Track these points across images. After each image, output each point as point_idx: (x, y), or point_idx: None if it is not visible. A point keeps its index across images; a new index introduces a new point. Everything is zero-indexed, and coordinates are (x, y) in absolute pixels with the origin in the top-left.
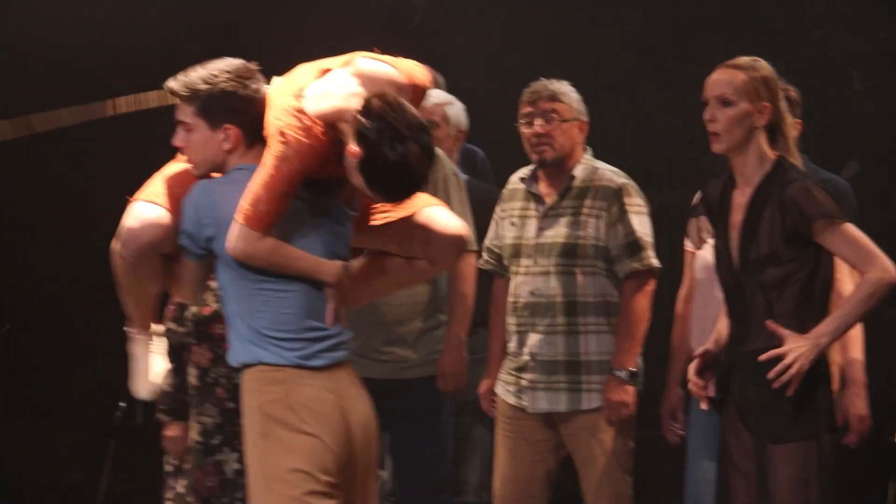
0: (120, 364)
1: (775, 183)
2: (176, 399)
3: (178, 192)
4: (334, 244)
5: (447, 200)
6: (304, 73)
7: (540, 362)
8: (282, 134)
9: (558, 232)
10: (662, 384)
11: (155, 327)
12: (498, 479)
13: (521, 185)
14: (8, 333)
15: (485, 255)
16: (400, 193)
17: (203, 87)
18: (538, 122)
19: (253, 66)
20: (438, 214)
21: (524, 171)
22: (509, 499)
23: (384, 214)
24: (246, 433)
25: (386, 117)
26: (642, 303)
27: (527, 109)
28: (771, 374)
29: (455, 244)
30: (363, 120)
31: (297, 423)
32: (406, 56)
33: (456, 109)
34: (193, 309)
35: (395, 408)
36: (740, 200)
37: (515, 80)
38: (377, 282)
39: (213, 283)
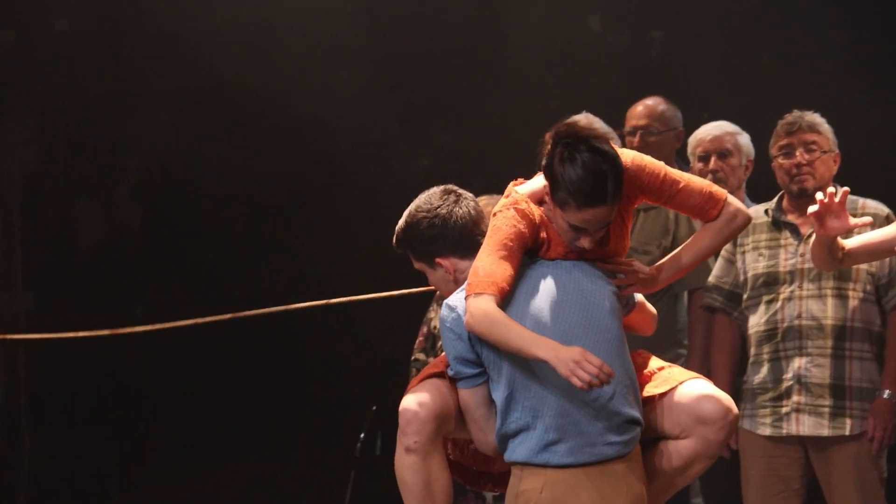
0: (359, 393)
1: None
2: None
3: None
4: (591, 318)
5: (690, 230)
6: None
7: (805, 384)
8: (494, 214)
9: None
10: None
11: None
12: None
13: (763, 218)
14: (254, 372)
15: (711, 294)
16: (586, 196)
17: (403, 238)
18: (799, 152)
19: (450, 187)
20: (701, 387)
21: (765, 205)
22: None
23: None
24: None
25: (558, 136)
26: None
27: (785, 140)
28: None
29: (725, 419)
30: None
31: None
32: (643, 89)
33: (746, 139)
34: None
35: None
36: None
37: (753, 112)
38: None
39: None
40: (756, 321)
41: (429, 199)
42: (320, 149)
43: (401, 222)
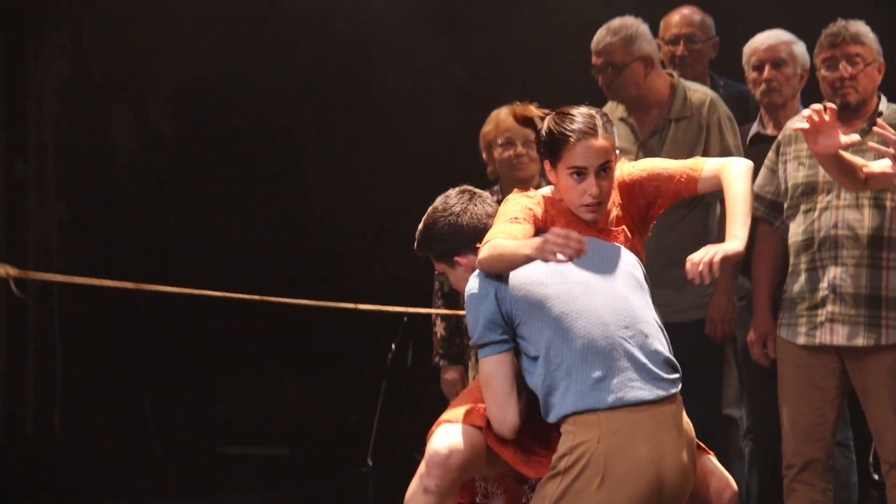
0: (390, 305)
1: None
2: (452, 343)
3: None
4: (611, 267)
5: (722, 144)
6: None
7: (841, 294)
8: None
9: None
10: None
11: None
12: (788, 424)
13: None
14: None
15: (753, 203)
16: (577, 131)
17: (422, 240)
18: (842, 65)
19: (466, 188)
20: (704, 465)
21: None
22: (801, 445)
23: None
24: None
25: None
26: None
27: (828, 53)
28: None
29: (721, 498)
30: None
31: (592, 476)
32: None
33: (801, 48)
34: None
35: None
36: None
37: (799, 19)
38: None
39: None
40: (794, 231)
41: (445, 199)
42: (353, 61)
43: (420, 226)
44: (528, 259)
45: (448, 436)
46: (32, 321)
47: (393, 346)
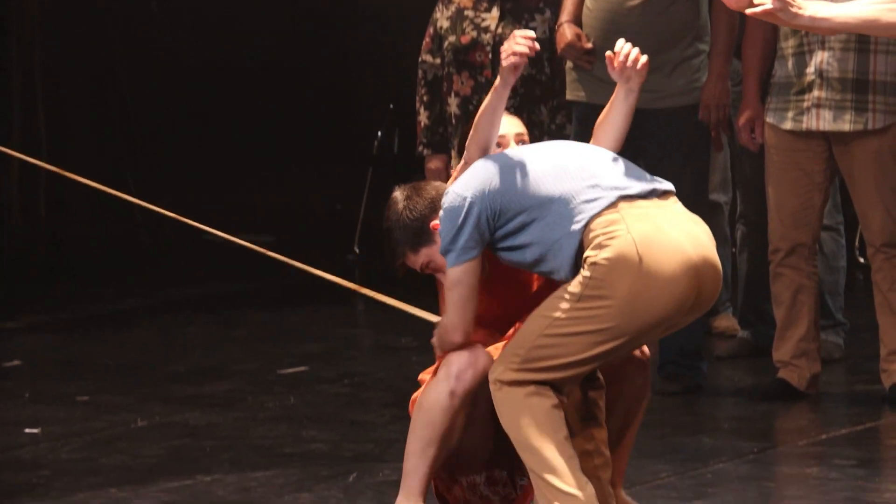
0: (378, 96)
1: None
2: (436, 132)
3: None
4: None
5: None
6: None
7: (828, 79)
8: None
9: None
10: None
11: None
12: (774, 208)
13: None
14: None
15: None
16: None
17: (392, 246)
18: None
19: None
20: None
21: None
22: (787, 229)
23: None
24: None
25: None
26: None
27: None
28: None
29: (642, 370)
30: None
31: (630, 258)
32: None
33: None
34: (451, 38)
35: (650, 136)
36: None
37: None
38: None
39: (468, 12)
40: None
41: (389, 202)
42: None
43: (387, 244)
44: (499, 92)
45: (460, 351)
46: (16, 89)
47: (379, 133)
